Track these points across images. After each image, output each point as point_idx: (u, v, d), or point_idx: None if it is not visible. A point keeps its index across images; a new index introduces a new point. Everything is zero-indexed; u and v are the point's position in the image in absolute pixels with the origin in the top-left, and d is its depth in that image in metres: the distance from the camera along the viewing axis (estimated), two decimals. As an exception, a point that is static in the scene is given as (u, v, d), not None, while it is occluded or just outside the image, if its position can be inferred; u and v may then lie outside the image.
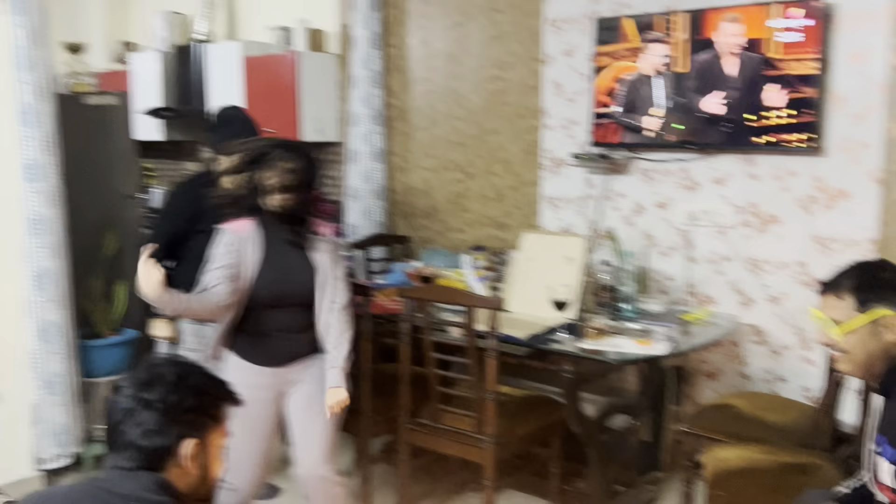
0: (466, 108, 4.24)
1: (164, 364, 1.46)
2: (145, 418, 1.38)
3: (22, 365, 3.29)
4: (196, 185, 3.12)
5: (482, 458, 2.82)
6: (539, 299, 3.14)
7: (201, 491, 1.45)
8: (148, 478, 1.35)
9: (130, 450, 1.37)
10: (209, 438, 1.45)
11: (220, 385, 1.52)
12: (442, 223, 4.43)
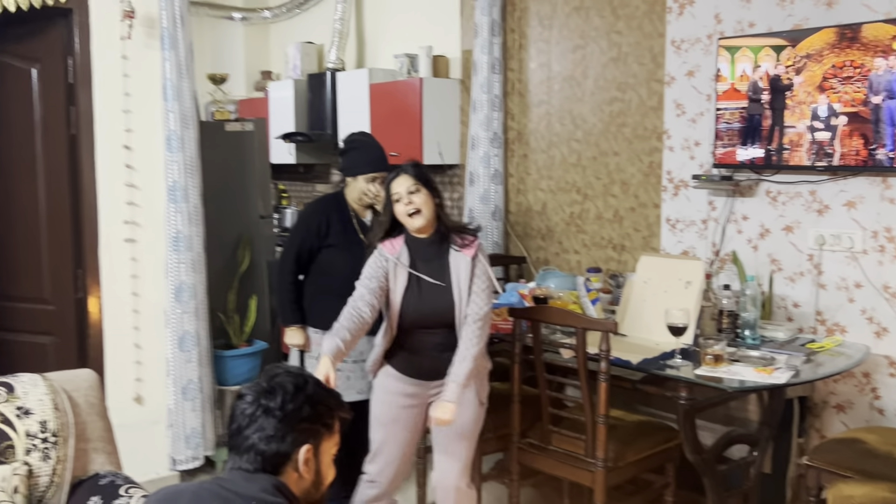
0: (585, 129, 4.24)
1: (284, 374, 1.56)
2: (266, 424, 1.47)
3: (161, 371, 3.55)
4: (325, 204, 3.33)
5: (592, 482, 2.79)
6: (655, 323, 3.09)
7: (313, 495, 1.53)
8: (266, 480, 1.45)
9: (251, 453, 1.47)
10: (322, 446, 1.53)
11: (333, 396, 1.60)
12: (558, 245, 4.44)
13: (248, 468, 1.46)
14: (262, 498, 1.41)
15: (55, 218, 3.47)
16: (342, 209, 3.28)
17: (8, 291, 3.62)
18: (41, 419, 2.24)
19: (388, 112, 5.01)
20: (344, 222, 3.25)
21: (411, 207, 2.67)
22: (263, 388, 1.51)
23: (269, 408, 1.48)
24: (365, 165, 3.23)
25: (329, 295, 3.07)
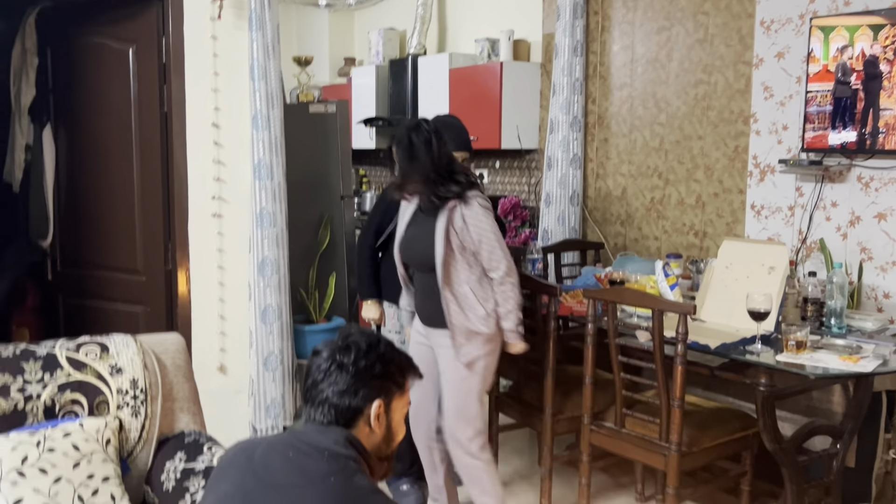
0: (668, 113, 4.16)
1: (358, 334, 1.61)
2: (340, 379, 1.52)
3: (244, 342, 3.68)
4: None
5: (666, 466, 2.76)
6: (735, 309, 3.02)
7: (383, 450, 1.57)
8: (339, 433, 1.49)
9: (325, 406, 1.52)
10: (394, 403, 1.58)
11: (404, 357, 1.64)
12: (637, 230, 4.37)
13: (322, 421, 1.51)
14: (335, 449, 1.45)
15: (148, 193, 3.63)
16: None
17: (105, 262, 3.81)
18: (132, 377, 2.36)
19: (467, 96, 5.03)
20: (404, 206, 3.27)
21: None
22: (339, 346, 1.56)
23: (343, 363, 1.53)
24: (463, 141, 3.28)
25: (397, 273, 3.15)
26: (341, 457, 1.45)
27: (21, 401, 2.19)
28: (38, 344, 2.34)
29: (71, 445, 2.13)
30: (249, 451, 1.52)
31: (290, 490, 1.40)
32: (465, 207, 2.77)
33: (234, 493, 1.45)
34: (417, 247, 2.89)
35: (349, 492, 1.40)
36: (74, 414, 2.26)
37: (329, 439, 1.47)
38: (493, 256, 2.78)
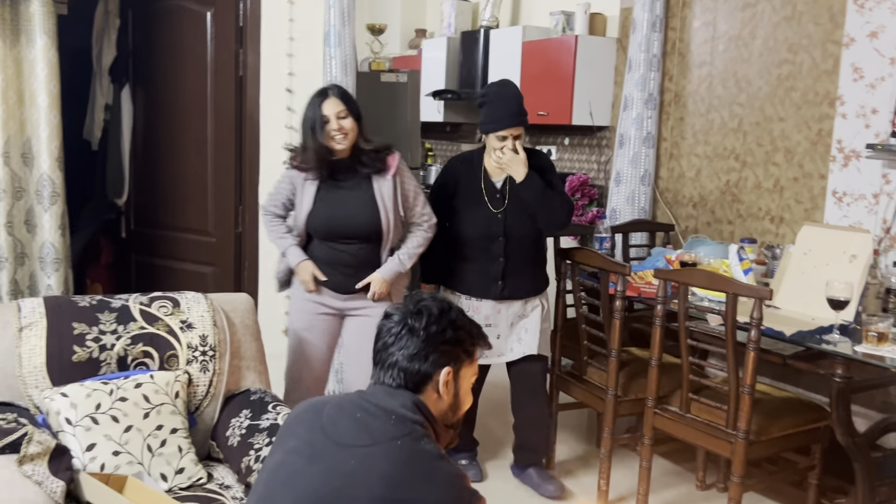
0: (749, 93, 4.01)
1: (430, 299, 1.59)
2: (410, 343, 1.51)
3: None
4: (459, 162, 3.24)
5: (731, 453, 2.68)
6: (813, 297, 2.90)
7: (450, 418, 1.56)
8: (407, 396, 1.49)
9: (395, 370, 1.51)
10: (462, 371, 1.56)
11: (474, 325, 1.62)
12: (710, 213, 4.25)
13: (391, 384, 1.50)
14: (402, 413, 1.45)
15: (221, 156, 3.69)
16: (473, 168, 3.14)
17: (177, 223, 3.89)
18: (201, 333, 2.40)
19: (539, 70, 4.95)
20: (471, 182, 3.12)
21: (339, 132, 2.75)
22: (410, 310, 1.54)
23: (414, 328, 1.51)
24: (492, 122, 3.00)
25: (457, 256, 3.13)
26: (408, 420, 1.45)
27: (96, 350, 2.25)
28: (112, 296, 2.41)
29: (142, 396, 2.19)
30: (318, 408, 1.53)
31: (356, 450, 1.40)
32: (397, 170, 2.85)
33: (302, 448, 1.45)
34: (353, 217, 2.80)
35: (415, 455, 1.39)
36: (145, 366, 2.31)
37: (397, 402, 1.47)
38: (425, 209, 2.95)
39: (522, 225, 3.10)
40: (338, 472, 1.38)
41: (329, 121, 2.73)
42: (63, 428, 2.09)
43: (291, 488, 1.42)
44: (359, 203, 2.80)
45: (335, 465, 1.39)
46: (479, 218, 3.09)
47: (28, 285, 3.05)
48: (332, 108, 2.75)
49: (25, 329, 2.22)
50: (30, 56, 2.94)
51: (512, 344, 3.16)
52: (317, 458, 1.43)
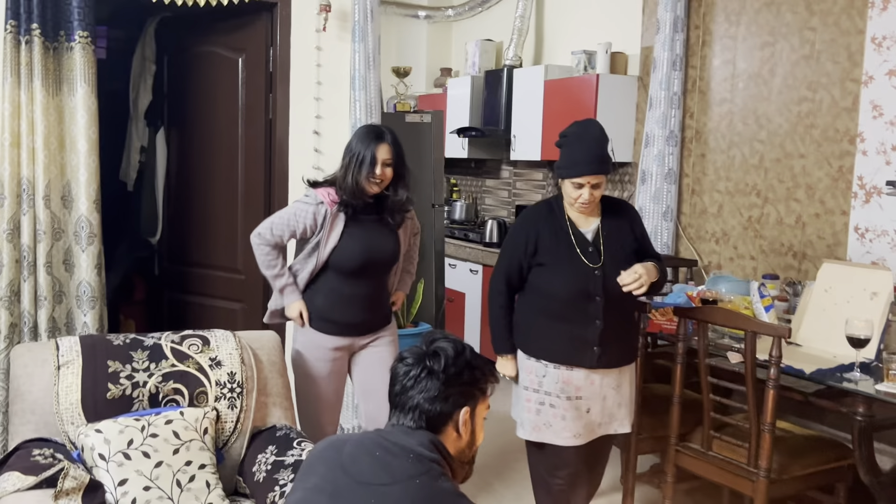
0: (769, 130, 4.05)
1: (443, 339, 1.64)
2: (430, 386, 1.56)
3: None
4: (535, 213, 2.83)
5: (753, 492, 2.68)
6: (834, 335, 2.91)
7: (466, 455, 1.61)
8: (425, 436, 1.54)
9: (416, 412, 1.56)
10: (478, 408, 1.61)
11: (487, 363, 1.67)
12: (733, 249, 4.27)
13: (411, 426, 1.55)
14: (420, 451, 1.49)
15: (251, 196, 3.80)
16: (556, 219, 2.74)
17: (208, 261, 4.00)
18: (230, 370, 2.48)
19: (561, 108, 5.03)
20: (557, 235, 2.72)
21: (379, 178, 2.77)
22: (425, 352, 1.60)
23: (433, 370, 1.56)
24: (568, 166, 2.64)
25: (545, 317, 2.71)
26: (426, 459, 1.49)
27: (129, 387, 2.34)
28: (145, 335, 2.50)
29: (172, 432, 2.26)
30: (338, 446, 1.58)
31: (376, 488, 1.45)
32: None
33: (323, 486, 1.51)
34: (383, 252, 2.89)
35: (435, 494, 1.44)
36: (176, 402, 2.39)
37: (415, 441, 1.52)
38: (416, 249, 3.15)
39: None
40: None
41: (377, 164, 2.73)
42: (97, 463, 2.16)
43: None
44: (383, 235, 2.88)
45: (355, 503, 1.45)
46: (574, 275, 2.66)
47: (65, 322, 3.16)
48: (384, 153, 2.75)
49: (63, 367, 2.31)
50: (71, 104, 3.08)
51: (602, 420, 2.74)
52: (337, 496, 1.48)
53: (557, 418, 2.70)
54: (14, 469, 2.04)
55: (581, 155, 2.61)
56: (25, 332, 3.03)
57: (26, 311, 3.02)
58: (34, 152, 3.00)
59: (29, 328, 3.03)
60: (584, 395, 2.69)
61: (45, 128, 3.00)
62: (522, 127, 5.46)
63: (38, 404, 2.27)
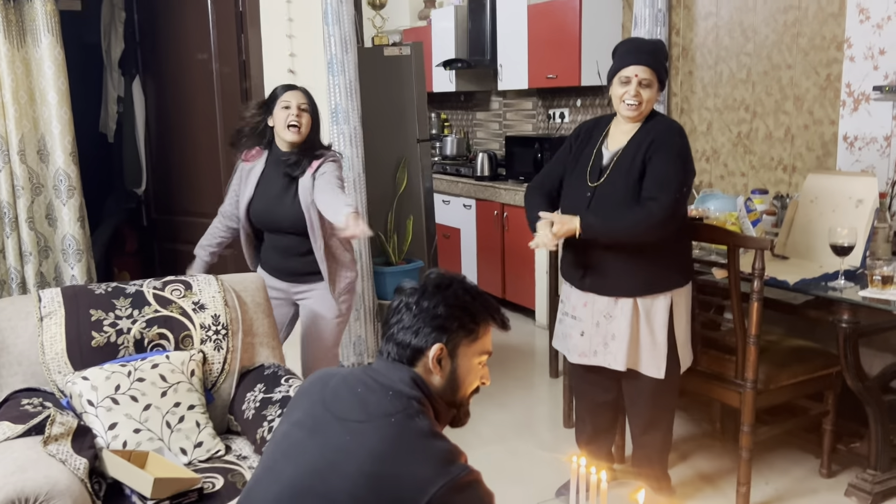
0: (756, 42, 3.96)
1: (435, 275, 1.60)
2: (405, 318, 1.53)
3: (326, 283, 3.79)
4: (587, 124, 2.77)
5: (740, 403, 2.71)
6: (820, 245, 2.90)
7: (449, 395, 1.54)
8: (405, 372, 1.51)
9: (391, 344, 1.54)
10: (460, 349, 1.53)
11: (481, 302, 1.58)
12: (723, 167, 4.22)
13: (393, 357, 1.54)
14: (400, 388, 1.48)
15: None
16: (598, 132, 2.66)
17: (194, 208, 3.98)
18: (214, 313, 2.49)
19: (546, 33, 4.93)
20: (587, 147, 2.64)
21: (294, 120, 2.74)
22: (412, 288, 1.57)
23: (408, 303, 1.54)
24: (615, 62, 2.56)
25: None
26: (405, 396, 1.47)
27: (113, 334, 2.36)
28: (127, 283, 2.50)
29: (159, 376, 2.28)
30: (325, 380, 1.56)
31: (351, 424, 1.44)
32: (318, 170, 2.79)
33: (305, 420, 1.51)
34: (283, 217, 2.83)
35: (405, 432, 1.41)
36: (161, 347, 2.41)
37: (396, 377, 1.50)
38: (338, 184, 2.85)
39: (616, 205, 2.49)
40: (333, 447, 1.41)
41: (290, 107, 2.75)
42: (86, 409, 2.19)
43: (292, 460, 1.47)
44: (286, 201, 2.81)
45: (331, 439, 1.44)
46: (571, 190, 2.63)
47: (54, 277, 3.18)
48: (296, 98, 2.77)
49: (45, 318, 2.33)
50: (37, 55, 3.03)
51: (596, 347, 2.64)
52: (317, 430, 1.48)
53: (567, 332, 2.74)
54: (3, 419, 2.07)
55: (631, 50, 2.52)
56: (14, 288, 3.05)
57: (12, 267, 3.04)
58: (4, 107, 2.97)
59: (17, 283, 3.05)
60: (579, 316, 2.67)
61: (12, 81, 2.96)
62: (508, 55, 5.36)
63: (25, 355, 2.29)
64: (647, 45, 2.56)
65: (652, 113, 2.59)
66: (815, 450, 3.06)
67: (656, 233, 2.45)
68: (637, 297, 2.54)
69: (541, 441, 3.40)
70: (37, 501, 1.79)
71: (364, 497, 1.32)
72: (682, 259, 2.60)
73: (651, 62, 2.49)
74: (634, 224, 2.44)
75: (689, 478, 3.03)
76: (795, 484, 2.95)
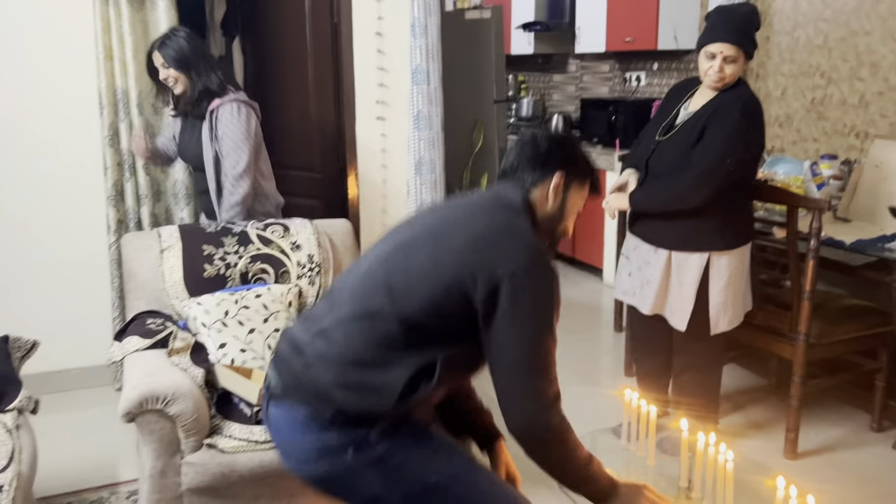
0: (834, 7, 3.98)
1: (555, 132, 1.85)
2: (531, 150, 1.75)
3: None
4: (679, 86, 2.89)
5: (792, 355, 2.86)
6: (882, 209, 3.00)
7: (551, 224, 1.76)
8: (518, 192, 1.72)
9: (514, 172, 1.75)
10: (573, 187, 1.76)
11: (590, 163, 1.82)
12: (796, 132, 4.28)
13: (511, 182, 1.74)
14: (510, 198, 1.69)
15: (321, 99, 4.03)
16: (683, 93, 2.80)
17: (288, 161, 4.29)
18: (309, 253, 2.78)
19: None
20: (670, 108, 2.79)
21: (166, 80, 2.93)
22: (535, 131, 1.82)
23: (536, 136, 1.78)
24: (703, 35, 2.63)
25: None
26: (513, 206, 1.69)
27: (222, 267, 2.68)
28: (233, 223, 2.82)
29: (261, 304, 2.59)
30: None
31: (467, 208, 1.68)
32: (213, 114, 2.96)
33: (413, 220, 1.75)
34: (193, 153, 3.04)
35: (510, 223, 1.63)
36: (263, 280, 2.72)
37: (510, 192, 1.72)
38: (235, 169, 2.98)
39: (669, 163, 2.68)
40: (449, 218, 1.66)
41: (160, 70, 2.95)
42: (199, 330, 2.52)
43: (404, 230, 1.72)
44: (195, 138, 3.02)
45: (448, 213, 1.69)
46: (643, 142, 2.84)
47: (165, 218, 3.54)
48: (157, 59, 2.93)
49: (165, 251, 2.66)
50: (153, 17, 3.35)
51: (635, 288, 2.88)
52: (433, 212, 1.75)
53: (620, 270, 3.01)
54: (133, 334, 2.42)
55: (719, 23, 2.57)
56: (132, 227, 3.42)
57: (130, 209, 3.41)
58: (125, 64, 3.31)
59: (134, 223, 3.42)
60: (630, 257, 2.91)
61: (133, 41, 3.29)
62: (587, 18, 5.47)
63: (148, 282, 2.63)
64: (735, 20, 2.57)
65: (738, 80, 2.67)
66: (867, 406, 3.18)
67: (690, 201, 2.61)
68: (673, 250, 2.71)
69: (603, 387, 3.62)
70: (165, 400, 2.12)
71: (466, 259, 1.55)
72: (726, 223, 2.67)
73: (738, 39, 2.54)
74: (670, 195, 2.65)
75: (740, 425, 3.20)
76: (845, 435, 3.09)
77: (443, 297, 1.56)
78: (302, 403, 1.59)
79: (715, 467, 1.75)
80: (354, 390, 1.56)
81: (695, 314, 2.72)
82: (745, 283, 2.78)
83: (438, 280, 1.57)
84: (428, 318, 1.56)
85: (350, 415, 1.56)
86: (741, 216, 2.75)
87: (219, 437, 2.20)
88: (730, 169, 2.56)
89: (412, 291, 1.58)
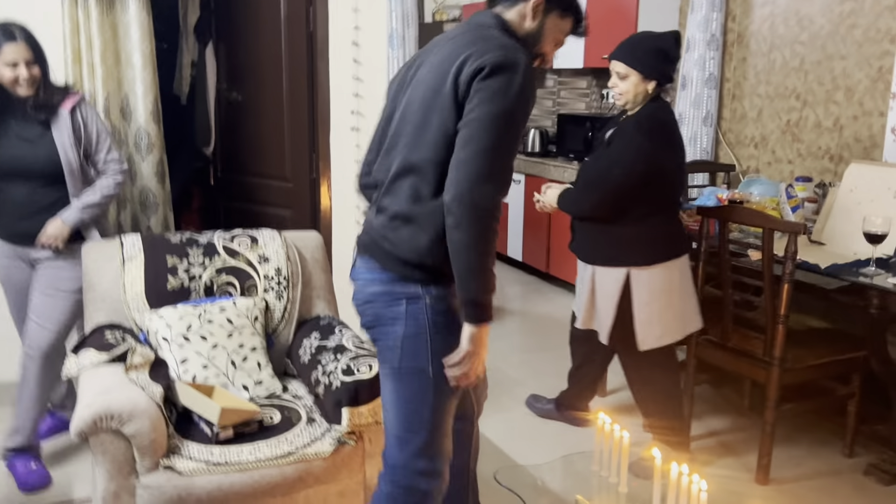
0: (811, 31, 4.00)
1: None
2: None
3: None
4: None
5: (766, 379, 2.84)
6: (856, 234, 2.99)
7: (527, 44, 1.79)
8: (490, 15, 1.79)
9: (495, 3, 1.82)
10: (552, 15, 1.80)
11: (577, 5, 1.86)
12: (771, 153, 4.29)
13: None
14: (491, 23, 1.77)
15: (295, 107, 3.97)
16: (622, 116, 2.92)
17: (258, 169, 4.22)
18: (277, 266, 2.71)
19: (603, 14, 5.01)
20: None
21: (25, 77, 2.55)
22: None
23: None
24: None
25: None
26: (485, 22, 1.78)
27: (186, 280, 2.59)
28: (199, 233, 2.74)
29: (226, 319, 2.52)
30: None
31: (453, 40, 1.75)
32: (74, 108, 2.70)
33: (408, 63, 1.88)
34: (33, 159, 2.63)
35: (491, 34, 1.72)
36: (228, 294, 2.64)
37: (480, 16, 1.81)
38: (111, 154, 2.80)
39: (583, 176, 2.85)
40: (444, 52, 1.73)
41: (17, 64, 2.53)
42: (160, 345, 2.44)
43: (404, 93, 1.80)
44: (32, 141, 2.62)
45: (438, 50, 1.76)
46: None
47: (131, 225, 3.44)
48: (21, 52, 2.53)
49: (127, 261, 2.58)
50: (124, 20, 3.27)
51: (578, 304, 3.02)
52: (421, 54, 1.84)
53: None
54: (91, 347, 2.33)
55: (620, 44, 2.72)
56: (95, 235, 3.32)
57: (94, 216, 3.30)
58: (93, 67, 3.21)
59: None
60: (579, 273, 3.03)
61: (101, 44, 3.20)
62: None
63: (108, 293, 2.54)
64: (629, 41, 2.73)
65: (652, 100, 2.72)
66: (840, 431, 3.17)
67: (581, 206, 2.80)
68: (595, 265, 2.83)
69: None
70: (120, 419, 2.03)
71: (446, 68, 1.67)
72: (643, 239, 2.71)
73: (623, 57, 2.69)
74: (568, 200, 2.83)
75: (713, 448, 3.17)
76: (817, 461, 3.07)
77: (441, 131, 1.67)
78: (369, 255, 1.81)
79: (689, 497, 1.71)
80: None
81: (620, 329, 2.77)
82: (679, 299, 2.77)
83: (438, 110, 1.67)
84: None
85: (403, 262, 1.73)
86: (661, 231, 2.75)
87: (177, 457, 2.12)
88: (618, 180, 2.63)
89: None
